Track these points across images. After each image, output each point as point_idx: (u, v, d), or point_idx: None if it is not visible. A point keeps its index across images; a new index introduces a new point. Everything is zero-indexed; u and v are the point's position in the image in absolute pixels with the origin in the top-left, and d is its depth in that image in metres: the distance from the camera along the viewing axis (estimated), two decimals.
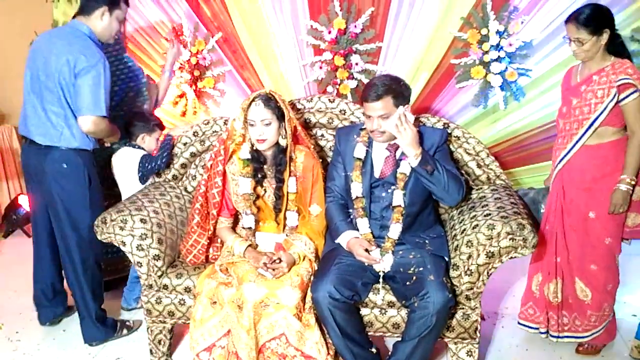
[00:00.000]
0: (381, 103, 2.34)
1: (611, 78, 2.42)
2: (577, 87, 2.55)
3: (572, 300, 2.66)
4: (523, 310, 2.80)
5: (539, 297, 2.72)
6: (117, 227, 2.54)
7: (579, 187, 2.55)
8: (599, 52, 2.47)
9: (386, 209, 2.50)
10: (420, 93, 3.88)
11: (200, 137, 2.94)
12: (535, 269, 2.74)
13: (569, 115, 2.56)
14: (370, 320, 2.42)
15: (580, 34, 2.43)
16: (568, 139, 2.56)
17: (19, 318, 3.17)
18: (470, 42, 3.70)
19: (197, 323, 2.39)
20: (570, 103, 2.55)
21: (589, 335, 2.66)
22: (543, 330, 2.73)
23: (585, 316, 2.64)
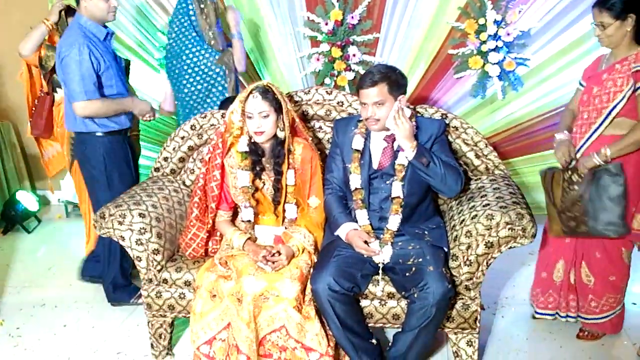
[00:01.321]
0: (376, 89, 2.34)
1: (632, 67, 2.38)
2: (599, 75, 2.49)
3: (577, 283, 2.69)
4: (543, 299, 2.79)
5: (559, 284, 2.72)
6: (115, 221, 2.54)
7: None
8: (626, 39, 2.41)
9: (385, 200, 2.50)
10: (418, 84, 3.89)
11: (198, 131, 2.93)
12: (556, 257, 2.72)
13: (589, 103, 2.52)
14: (370, 311, 2.43)
15: (603, 18, 2.38)
16: (586, 128, 2.52)
17: (20, 314, 3.17)
18: (468, 32, 3.71)
19: (197, 317, 2.39)
20: (591, 91, 2.51)
21: (590, 319, 2.69)
22: (563, 315, 2.75)
23: (586, 299, 2.67)
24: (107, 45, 3.02)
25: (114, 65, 3.00)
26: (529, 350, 2.70)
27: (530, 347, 2.71)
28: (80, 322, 3.07)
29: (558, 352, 2.67)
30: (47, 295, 3.37)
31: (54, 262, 3.84)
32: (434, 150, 2.49)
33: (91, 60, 2.83)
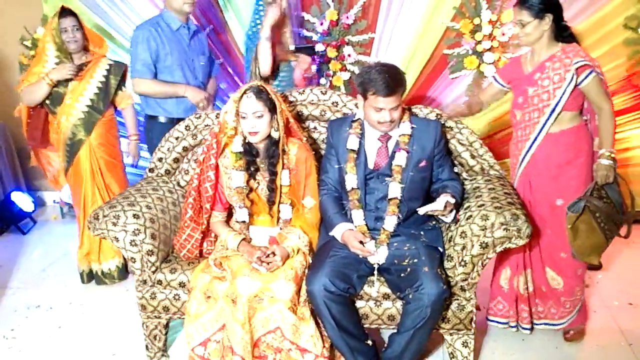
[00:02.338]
0: (395, 96, 2.35)
1: (565, 62, 2.43)
2: (530, 76, 2.54)
3: (545, 289, 2.67)
4: (492, 306, 2.77)
5: (507, 291, 2.70)
6: (109, 222, 2.53)
7: (544, 176, 2.55)
8: (544, 38, 2.47)
9: (381, 200, 2.49)
10: (413, 84, 3.89)
11: (192, 131, 2.92)
12: (502, 264, 2.71)
13: (526, 104, 2.55)
14: (366, 312, 2.42)
15: (522, 16, 2.44)
16: (530, 129, 2.55)
17: (14, 316, 3.16)
18: (463, 32, 3.71)
19: (191, 318, 2.38)
20: (526, 92, 2.55)
21: (565, 321, 2.68)
22: (513, 324, 2.72)
23: (560, 303, 2.66)
24: (180, 37, 3.22)
25: (182, 56, 3.22)
26: (525, 351, 2.70)
27: (525, 348, 2.71)
28: (75, 323, 3.06)
29: (554, 353, 2.68)
30: (42, 296, 3.36)
31: (49, 264, 3.83)
32: (437, 159, 2.52)
33: (149, 44, 3.12)
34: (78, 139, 3.30)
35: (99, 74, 3.30)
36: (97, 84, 3.28)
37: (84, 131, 3.30)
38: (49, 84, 3.19)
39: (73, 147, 3.32)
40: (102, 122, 3.35)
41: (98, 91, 3.29)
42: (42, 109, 3.35)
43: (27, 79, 3.28)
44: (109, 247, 3.39)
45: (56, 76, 3.19)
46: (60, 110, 3.27)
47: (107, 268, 3.44)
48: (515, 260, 2.65)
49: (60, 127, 3.30)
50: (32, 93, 3.25)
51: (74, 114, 3.26)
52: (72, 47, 3.22)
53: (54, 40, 3.20)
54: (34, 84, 3.23)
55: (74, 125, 3.28)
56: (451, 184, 2.52)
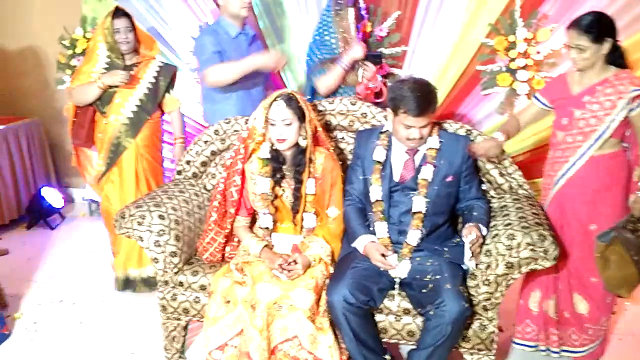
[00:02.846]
0: (427, 116, 2.35)
1: (619, 89, 2.36)
2: (578, 98, 2.46)
3: (569, 314, 2.60)
4: (519, 329, 2.70)
5: (537, 314, 2.64)
6: (135, 222, 2.56)
7: (579, 200, 2.49)
8: (599, 61, 2.40)
9: (405, 214, 2.47)
10: (444, 99, 3.85)
11: (220, 136, 2.94)
12: (532, 286, 2.65)
13: (571, 127, 2.48)
14: (385, 326, 2.40)
15: (582, 41, 2.36)
16: (571, 152, 2.48)
17: (37, 309, 3.21)
18: (497, 49, 3.66)
19: (210, 321, 2.39)
20: (572, 114, 2.47)
21: (586, 350, 2.61)
22: (543, 348, 2.65)
23: (583, 330, 2.59)
24: (239, 43, 3.17)
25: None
26: None
27: None
28: (96, 320, 3.10)
29: None
30: (66, 291, 3.42)
31: (75, 260, 3.88)
32: (465, 176, 2.50)
33: (215, 41, 3.04)
34: (124, 140, 3.28)
35: (149, 75, 3.30)
36: (146, 85, 3.28)
37: (131, 132, 3.28)
38: (100, 87, 3.19)
39: (118, 147, 3.28)
40: (149, 124, 3.34)
41: (147, 92, 3.29)
42: (90, 108, 3.32)
43: (77, 77, 3.28)
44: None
45: (108, 81, 3.18)
46: (109, 109, 3.26)
47: (147, 274, 3.38)
48: (546, 283, 2.59)
49: (108, 126, 3.27)
50: (82, 94, 3.25)
51: (122, 114, 3.25)
52: (124, 48, 3.22)
53: (105, 40, 3.20)
54: (85, 85, 3.23)
55: (122, 125, 3.26)
56: (477, 204, 2.49)
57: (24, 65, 4.82)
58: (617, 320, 3.00)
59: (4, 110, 4.71)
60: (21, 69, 4.83)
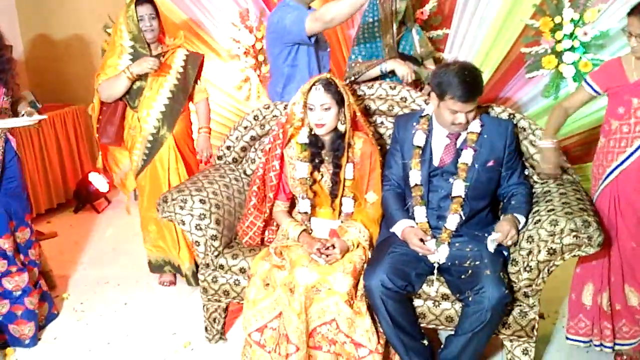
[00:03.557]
0: (474, 101, 2.33)
1: None
2: (637, 86, 2.31)
3: (620, 306, 2.50)
4: (572, 324, 2.61)
5: (590, 308, 2.55)
6: (177, 206, 2.61)
7: (635, 189, 2.37)
8: None
9: (444, 198, 2.44)
10: (487, 82, 3.78)
11: (260, 121, 2.96)
12: (584, 279, 2.56)
13: (628, 116, 2.34)
14: (423, 311, 2.38)
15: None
16: (627, 142, 2.35)
17: (84, 290, 3.32)
18: (543, 31, 3.57)
19: (250, 304, 2.42)
20: (630, 104, 2.33)
21: (637, 341, 2.52)
22: (597, 343, 2.56)
23: (634, 321, 2.50)
24: None
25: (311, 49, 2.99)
26: None
27: None
28: (140, 301, 3.18)
29: None
30: (111, 273, 3.52)
31: (120, 243, 3.99)
32: (507, 161, 2.45)
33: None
34: (161, 135, 3.10)
35: (177, 64, 3.13)
36: (176, 75, 3.11)
37: (167, 126, 3.10)
38: (129, 77, 2.98)
39: (155, 143, 3.10)
40: (183, 116, 3.17)
41: (177, 82, 3.11)
42: (120, 103, 3.12)
43: (103, 72, 3.07)
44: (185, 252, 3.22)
45: (137, 70, 2.97)
46: (141, 104, 3.08)
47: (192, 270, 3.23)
48: (600, 276, 2.50)
49: (141, 122, 3.09)
50: (111, 88, 3.04)
51: (155, 107, 3.08)
52: (149, 36, 3.02)
53: (129, 29, 3.01)
54: (112, 79, 3.02)
55: (157, 120, 3.08)
56: (518, 192, 2.45)
57: (70, 53, 4.95)
58: None
59: (52, 98, 4.85)
60: (68, 57, 4.95)
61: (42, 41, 4.99)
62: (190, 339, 2.80)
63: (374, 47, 3.04)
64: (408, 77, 2.92)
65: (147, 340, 2.82)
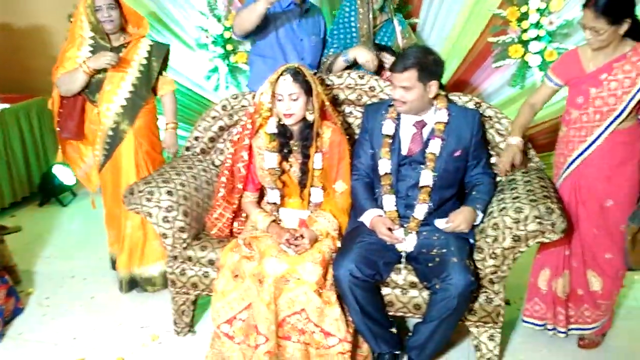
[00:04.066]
0: (406, 74, 2.33)
1: (638, 65, 2.26)
2: (595, 76, 2.35)
3: (582, 292, 2.56)
4: (528, 307, 2.68)
5: (546, 293, 2.61)
6: (144, 198, 2.57)
7: (596, 177, 2.42)
8: (616, 40, 2.29)
9: (412, 187, 2.46)
10: (455, 71, 3.81)
11: (228, 111, 2.93)
12: (541, 264, 2.61)
13: (587, 105, 2.38)
14: (391, 300, 2.40)
15: (599, 23, 2.22)
16: (587, 131, 2.40)
17: (50, 284, 3.25)
18: (509, 20, 3.60)
19: (219, 295, 2.41)
20: (588, 93, 2.37)
21: (598, 325, 2.59)
22: (550, 327, 2.63)
23: (595, 306, 2.56)
24: (289, 14, 2.99)
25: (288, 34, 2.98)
26: (553, 348, 2.64)
27: (554, 346, 2.65)
28: (107, 295, 3.14)
29: (583, 352, 2.61)
30: (77, 267, 3.46)
31: (86, 236, 3.93)
32: (473, 150, 2.48)
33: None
34: (121, 129, 2.98)
35: (140, 55, 2.98)
36: (138, 67, 2.98)
37: (127, 120, 2.98)
38: (86, 72, 2.88)
39: (115, 138, 3.00)
40: (145, 110, 3.04)
41: (140, 75, 2.98)
42: (79, 97, 3.01)
43: (62, 65, 2.95)
44: (152, 250, 3.09)
45: (94, 65, 2.85)
46: (100, 98, 2.97)
47: (150, 273, 3.10)
48: (556, 262, 2.56)
49: (101, 117, 2.98)
50: (69, 82, 2.93)
51: (115, 101, 2.96)
52: (107, 27, 2.89)
53: (89, 20, 2.89)
54: (70, 72, 2.92)
55: (116, 114, 2.97)
56: (480, 182, 2.49)
57: (33, 43, 4.82)
58: (625, 293, 2.98)
59: (15, 89, 4.71)
60: (30, 47, 4.83)
61: (2, 30, 4.86)
62: (158, 333, 2.77)
63: (349, 37, 3.02)
64: (370, 64, 2.88)
65: (115, 334, 2.78)
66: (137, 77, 2.99)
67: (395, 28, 3.08)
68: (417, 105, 2.40)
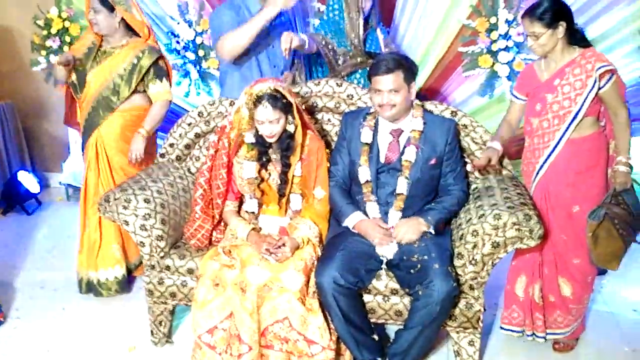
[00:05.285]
0: (392, 76, 2.36)
1: (586, 67, 2.39)
2: (549, 83, 2.48)
3: (554, 298, 2.63)
4: (506, 314, 2.72)
5: (523, 300, 2.66)
6: (120, 206, 2.52)
7: (562, 183, 2.51)
8: (559, 45, 2.43)
9: (391, 194, 2.49)
10: (427, 80, 3.88)
11: (205, 118, 2.91)
12: (518, 271, 2.67)
13: (545, 112, 2.49)
14: (373, 307, 2.42)
15: (535, 28, 2.38)
16: (550, 137, 2.49)
17: (18, 296, 3.16)
18: (479, 31, 3.69)
19: (199, 305, 2.37)
20: (545, 100, 2.48)
21: (570, 329, 2.66)
22: (529, 333, 2.68)
23: (567, 311, 2.63)
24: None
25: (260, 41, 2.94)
26: (529, 352, 2.69)
27: (530, 350, 2.70)
28: (79, 306, 3.06)
29: (558, 356, 2.68)
30: (47, 277, 3.36)
31: (54, 245, 3.82)
32: (447, 159, 2.51)
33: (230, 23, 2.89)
34: (89, 129, 3.06)
35: (129, 59, 2.99)
36: (124, 67, 2.99)
37: (95, 121, 3.04)
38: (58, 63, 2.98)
39: (85, 136, 3.11)
40: (119, 115, 3.05)
41: (123, 72, 2.99)
42: (68, 91, 3.17)
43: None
44: (109, 254, 3.09)
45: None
46: (82, 95, 3.05)
47: (105, 277, 3.08)
48: (531, 269, 2.62)
49: (82, 110, 3.09)
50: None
51: (90, 100, 3.02)
52: (94, 29, 2.98)
53: (87, 19, 3.00)
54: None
55: (88, 114, 3.04)
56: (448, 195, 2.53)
57: None
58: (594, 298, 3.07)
59: None
60: None
61: None
62: (135, 343, 2.72)
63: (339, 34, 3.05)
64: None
65: (89, 346, 2.72)
66: (120, 74, 3.00)
67: (378, 36, 3.12)
68: (403, 108, 2.44)
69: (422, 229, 2.40)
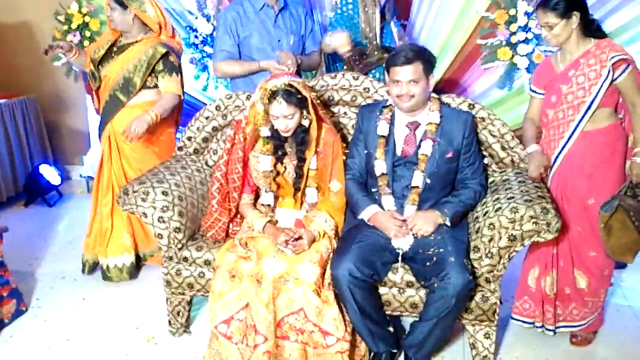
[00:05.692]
0: (412, 67, 2.36)
1: (601, 58, 2.38)
2: (564, 74, 2.48)
3: (570, 290, 2.62)
4: (518, 305, 2.72)
5: (535, 291, 2.66)
6: (139, 198, 2.56)
7: (578, 175, 2.50)
8: (574, 36, 2.42)
9: (407, 188, 2.49)
10: (445, 72, 3.85)
11: (222, 112, 2.93)
12: (531, 263, 2.67)
13: (560, 103, 2.49)
14: (389, 299, 2.42)
15: (549, 18, 2.38)
16: (564, 127, 2.49)
17: (40, 286, 3.22)
18: (498, 23, 3.66)
19: (215, 296, 2.40)
20: (560, 91, 2.48)
21: (586, 322, 2.64)
22: (538, 325, 2.68)
23: (583, 304, 2.62)
24: (264, 17, 3.09)
25: (265, 38, 3.08)
26: (546, 345, 2.68)
27: (546, 343, 2.69)
28: (99, 296, 3.11)
29: (575, 349, 2.66)
30: (67, 268, 3.41)
31: (74, 236, 3.87)
32: (464, 152, 2.50)
33: (230, 28, 3.08)
34: (104, 122, 3.17)
35: (140, 54, 3.06)
36: (134, 62, 3.06)
37: (109, 115, 3.14)
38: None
39: (100, 130, 3.22)
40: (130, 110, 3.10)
41: (134, 67, 3.06)
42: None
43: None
44: (119, 242, 3.19)
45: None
46: (101, 86, 3.17)
47: (114, 264, 3.20)
48: (544, 261, 2.61)
49: (99, 102, 3.23)
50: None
51: (105, 95, 3.15)
52: (112, 25, 3.12)
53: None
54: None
55: (102, 108, 3.18)
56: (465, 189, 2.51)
57: (18, 41, 4.75)
58: (613, 291, 3.04)
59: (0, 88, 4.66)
60: (16, 45, 4.76)
61: None
62: (153, 333, 2.76)
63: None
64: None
65: (109, 335, 2.76)
66: (131, 69, 3.08)
67: (392, 30, 3.11)
68: (421, 99, 2.44)
69: (438, 222, 2.40)
